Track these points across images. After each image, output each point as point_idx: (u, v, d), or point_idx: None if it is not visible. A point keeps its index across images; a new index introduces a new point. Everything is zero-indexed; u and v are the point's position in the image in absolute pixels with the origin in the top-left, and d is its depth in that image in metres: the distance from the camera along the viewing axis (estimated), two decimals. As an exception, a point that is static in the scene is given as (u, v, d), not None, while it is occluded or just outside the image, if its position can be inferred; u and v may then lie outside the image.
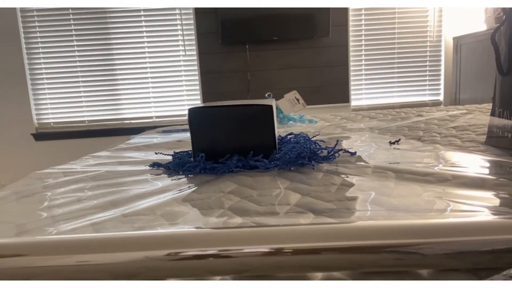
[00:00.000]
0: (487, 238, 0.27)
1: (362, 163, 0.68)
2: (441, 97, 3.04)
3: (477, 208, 0.43)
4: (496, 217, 0.29)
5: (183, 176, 0.67)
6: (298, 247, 0.27)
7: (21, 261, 0.29)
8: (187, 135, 1.24)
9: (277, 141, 0.72)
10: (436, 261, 0.27)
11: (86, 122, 2.93)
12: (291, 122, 1.32)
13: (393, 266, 0.27)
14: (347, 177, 0.59)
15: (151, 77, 2.90)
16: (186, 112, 0.66)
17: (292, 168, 0.66)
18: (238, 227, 0.30)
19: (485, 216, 0.38)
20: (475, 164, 0.63)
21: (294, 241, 0.27)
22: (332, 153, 0.71)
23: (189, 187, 0.59)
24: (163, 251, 0.28)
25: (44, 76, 2.85)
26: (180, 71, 2.90)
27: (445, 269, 0.28)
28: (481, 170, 0.59)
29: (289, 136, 0.88)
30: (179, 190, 0.57)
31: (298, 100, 1.30)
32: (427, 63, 3.00)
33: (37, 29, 2.80)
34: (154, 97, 2.92)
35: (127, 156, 0.93)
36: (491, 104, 0.79)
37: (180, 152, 0.81)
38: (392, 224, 0.28)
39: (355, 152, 0.75)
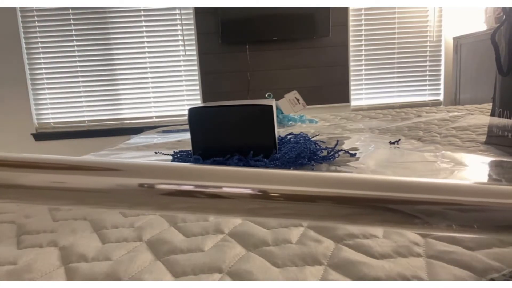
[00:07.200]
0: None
1: (362, 163, 0.68)
2: (441, 97, 3.04)
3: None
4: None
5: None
6: (288, 191, 0.24)
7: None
8: (187, 135, 1.24)
9: (277, 141, 0.72)
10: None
11: (86, 122, 2.93)
12: (291, 122, 1.32)
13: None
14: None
15: (151, 77, 2.90)
16: (186, 112, 0.66)
17: (292, 168, 0.66)
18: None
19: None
20: (475, 164, 0.63)
21: (284, 184, 0.25)
22: (332, 153, 0.71)
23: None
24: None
25: (44, 76, 2.85)
26: (180, 71, 2.90)
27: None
28: (481, 170, 0.59)
29: (289, 136, 0.88)
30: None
31: (298, 100, 1.30)
32: (427, 63, 3.00)
33: (37, 29, 2.80)
34: (154, 97, 2.92)
35: (127, 156, 0.93)
36: (491, 104, 0.79)
37: (180, 151, 0.81)
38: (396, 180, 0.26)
39: (355, 153, 0.75)
